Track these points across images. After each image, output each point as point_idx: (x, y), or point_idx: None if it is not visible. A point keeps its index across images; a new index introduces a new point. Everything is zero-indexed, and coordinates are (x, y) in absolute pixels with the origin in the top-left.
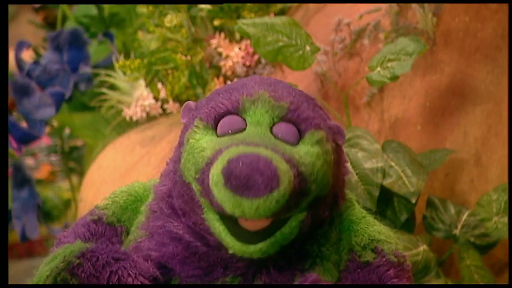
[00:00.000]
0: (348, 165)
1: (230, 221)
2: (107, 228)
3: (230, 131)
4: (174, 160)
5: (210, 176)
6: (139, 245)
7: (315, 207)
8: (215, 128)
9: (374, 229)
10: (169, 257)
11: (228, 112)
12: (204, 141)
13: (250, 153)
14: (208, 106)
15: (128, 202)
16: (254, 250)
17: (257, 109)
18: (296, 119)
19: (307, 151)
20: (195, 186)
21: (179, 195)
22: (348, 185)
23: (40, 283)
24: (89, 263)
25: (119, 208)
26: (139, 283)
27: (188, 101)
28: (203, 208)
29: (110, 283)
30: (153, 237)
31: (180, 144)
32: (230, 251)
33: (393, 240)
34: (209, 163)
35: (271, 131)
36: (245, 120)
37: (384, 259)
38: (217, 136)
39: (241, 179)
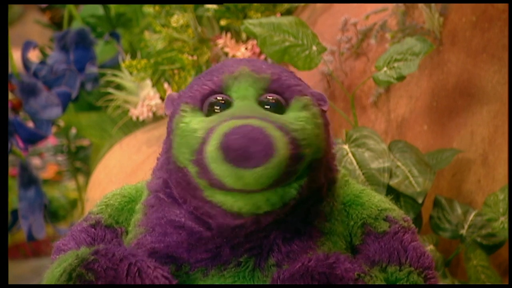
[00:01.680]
0: (355, 164)
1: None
2: (107, 231)
3: (217, 109)
4: (165, 151)
5: (206, 154)
6: (141, 241)
7: (312, 171)
8: (201, 109)
9: (377, 199)
10: (174, 246)
11: (212, 92)
12: (194, 123)
13: (243, 125)
14: (192, 90)
15: (122, 203)
16: (259, 198)
17: (240, 84)
18: (279, 88)
19: (296, 117)
20: (192, 169)
21: (176, 183)
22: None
23: (53, 282)
24: (105, 258)
25: (115, 210)
26: (160, 275)
27: (170, 93)
28: (202, 189)
29: (131, 275)
30: (155, 230)
31: (169, 133)
32: (235, 209)
33: (395, 206)
34: (203, 143)
35: (258, 103)
36: (230, 96)
37: (397, 225)
38: (206, 116)
39: (239, 151)
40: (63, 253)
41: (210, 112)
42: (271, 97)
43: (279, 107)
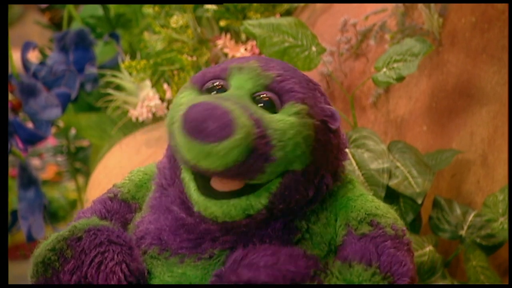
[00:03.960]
0: (354, 165)
1: (202, 180)
2: (122, 204)
3: (212, 92)
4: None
5: (173, 128)
6: (143, 220)
7: (289, 181)
8: (201, 90)
9: (371, 205)
10: (163, 229)
11: (215, 77)
12: (184, 98)
13: (210, 101)
14: (200, 72)
15: (143, 180)
16: (216, 207)
17: (241, 75)
18: (279, 89)
19: (281, 119)
20: (171, 142)
21: (168, 162)
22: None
23: (45, 245)
24: (88, 240)
25: (134, 186)
26: (119, 270)
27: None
28: (181, 168)
29: (93, 264)
30: (152, 211)
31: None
32: (195, 208)
33: (392, 215)
34: (181, 117)
35: (251, 97)
36: (228, 84)
37: (380, 231)
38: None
39: (194, 122)
40: (77, 219)
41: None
42: (264, 95)
43: (271, 107)
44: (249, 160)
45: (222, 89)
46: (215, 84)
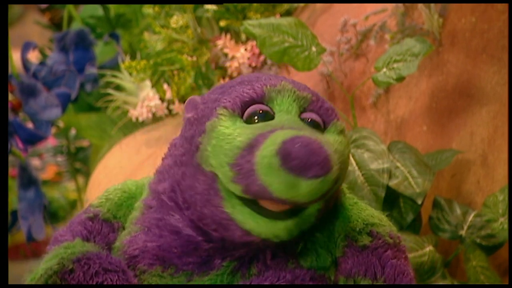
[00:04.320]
0: (354, 165)
1: (252, 204)
2: (104, 224)
3: (256, 119)
4: (181, 154)
5: (257, 159)
6: (134, 239)
7: (329, 197)
8: (241, 116)
9: (367, 213)
10: (165, 249)
11: (253, 101)
12: (236, 128)
13: (302, 136)
14: (231, 96)
15: (122, 199)
16: (280, 226)
17: (284, 98)
18: (319, 109)
19: (335, 140)
20: (225, 173)
21: (189, 187)
22: (354, 186)
23: (34, 281)
24: (81, 271)
25: (114, 205)
26: None
27: (192, 96)
28: (222, 196)
29: None
30: (150, 230)
31: (194, 135)
32: (254, 233)
33: (386, 222)
34: (250, 148)
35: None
36: (272, 109)
37: (380, 241)
38: (245, 123)
39: (301, 159)
40: (59, 243)
41: (249, 121)
42: (313, 116)
43: (318, 128)
44: (333, 188)
45: (266, 115)
46: (261, 109)
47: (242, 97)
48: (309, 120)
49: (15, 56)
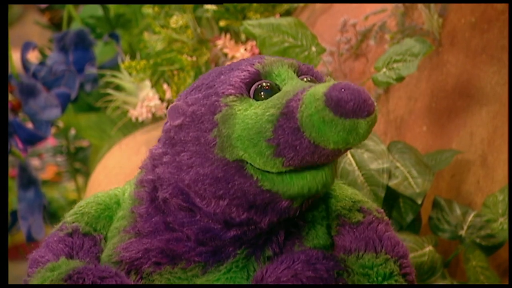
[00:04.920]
0: (354, 165)
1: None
2: (85, 239)
3: (263, 95)
4: (188, 157)
5: (303, 121)
6: (131, 245)
7: None
8: (248, 95)
9: (350, 192)
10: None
11: (253, 80)
12: (256, 106)
13: (338, 82)
14: (229, 83)
15: (99, 211)
16: (324, 171)
17: (280, 68)
18: (308, 71)
19: None
20: (262, 151)
21: (210, 184)
22: (353, 186)
23: None
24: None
25: (92, 218)
26: None
27: (173, 104)
28: (257, 178)
29: None
30: (151, 233)
31: (199, 136)
32: (305, 191)
33: (367, 199)
34: (286, 115)
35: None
36: (274, 81)
37: (371, 216)
38: (257, 101)
39: (354, 101)
40: (41, 265)
41: (257, 98)
42: (310, 78)
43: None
44: None
45: (272, 89)
46: (265, 85)
47: (242, 79)
48: (309, 81)
49: (14, 56)
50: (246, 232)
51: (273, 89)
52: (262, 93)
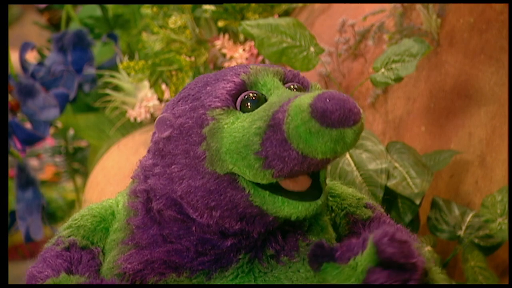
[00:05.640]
0: (352, 165)
1: (279, 191)
2: (83, 253)
3: (249, 105)
4: (178, 170)
5: (289, 132)
6: (131, 256)
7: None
8: (235, 108)
9: (350, 190)
10: (176, 254)
11: (239, 91)
12: (242, 119)
13: (323, 92)
14: (215, 95)
15: (94, 223)
16: (317, 203)
17: (265, 77)
18: (294, 78)
19: None
20: (251, 164)
21: (202, 197)
22: (352, 186)
23: None
24: None
25: (88, 231)
26: None
27: (160, 116)
28: (248, 192)
29: None
30: (150, 244)
31: (188, 149)
32: (293, 217)
33: (365, 196)
34: (273, 127)
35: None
36: (260, 92)
37: (378, 210)
38: (244, 113)
39: (340, 111)
40: (40, 281)
41: (243, 109)
42: (296, 85)
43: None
44: None
45: (258, 100)
46: (251, 95)
47: (228, 90)
48: (295, 88)
49: (13, 57)
50: (242, 241)
51: (259, 100)
52: (248, 104)
